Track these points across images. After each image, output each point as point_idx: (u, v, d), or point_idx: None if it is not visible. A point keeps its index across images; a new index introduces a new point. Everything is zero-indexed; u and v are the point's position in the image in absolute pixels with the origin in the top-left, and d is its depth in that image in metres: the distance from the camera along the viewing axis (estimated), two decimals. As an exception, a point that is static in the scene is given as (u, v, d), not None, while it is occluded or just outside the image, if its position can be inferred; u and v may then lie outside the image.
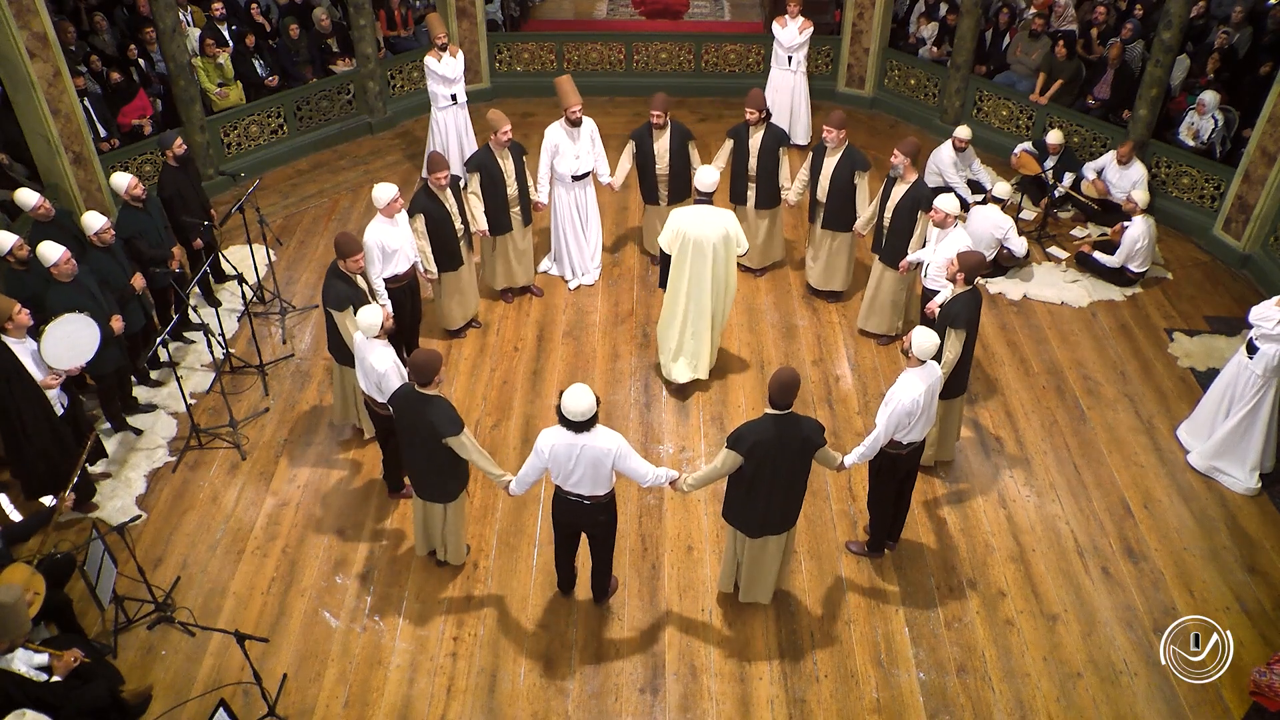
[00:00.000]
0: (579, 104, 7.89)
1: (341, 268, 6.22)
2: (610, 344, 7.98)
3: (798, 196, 8.17)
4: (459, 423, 5.36)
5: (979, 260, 6.07)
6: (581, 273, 8.60)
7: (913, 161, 7.24)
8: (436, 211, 7.25)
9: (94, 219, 6.66)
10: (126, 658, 5.61)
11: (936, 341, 5.45)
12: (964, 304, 6.01)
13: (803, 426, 5.19)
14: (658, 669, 5.59)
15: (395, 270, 6.93)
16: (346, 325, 6.17)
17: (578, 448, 5.08)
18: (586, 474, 5.18)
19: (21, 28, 7.90)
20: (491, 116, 7.58)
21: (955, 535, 6.41)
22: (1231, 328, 8.18)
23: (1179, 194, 9.54)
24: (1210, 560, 6.26)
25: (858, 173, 7.68)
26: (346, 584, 6.06)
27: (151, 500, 6.60)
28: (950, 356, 5.98)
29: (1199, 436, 6.94)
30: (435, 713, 5.37)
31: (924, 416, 5.56)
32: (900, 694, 5.49)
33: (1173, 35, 9.06)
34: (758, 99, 7.97)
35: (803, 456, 5.24)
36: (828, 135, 7.65)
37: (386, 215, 6.82)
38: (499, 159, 7.62)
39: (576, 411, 5.00)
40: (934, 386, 5.57)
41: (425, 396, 5.34)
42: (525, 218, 8.03)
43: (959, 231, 6.86)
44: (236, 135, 10.14)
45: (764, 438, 5.11)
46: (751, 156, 8.04)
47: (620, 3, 14.91)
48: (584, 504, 5.34)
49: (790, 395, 5.09)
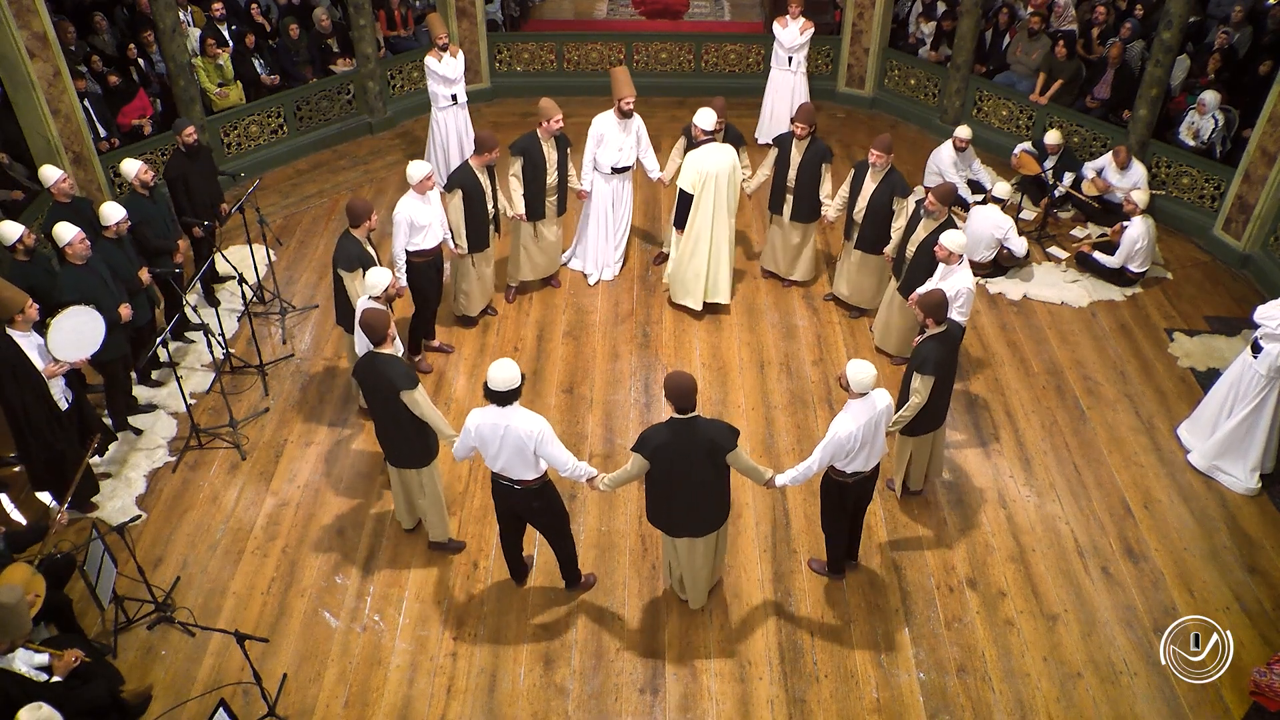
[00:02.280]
0: (633, 95, 7.91)
1: (354, 233, 6.44)
2: (610, 344, 7.98)
3: (836, 213, 7.98)
4: (413, 379, 5.48)
5: (939, 299, 5.76)
6: (602, 266, 8.63)
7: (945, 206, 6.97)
8: (474, 189, 7.37)
9: (113, 210, 6.72)
10: (126, 658, 5.61)
11: (871, 374, 5.21)
12: (933, 348, 5.77)
13: (707, 430, 5.09)
14: (658, 669, 5.59)
15: (423, 245, 7.11)
16: (355, 287, 6.35)
17: (501, 428, 5.12)
18: (512, 458, 5.23)
19: (21, 28, 7.90)
20: (544, 105, 7.60)
21: (955, 535, 6.41)
22: (1231, 328, 8.18)
23: (1179, 194, 9.54)
24: (1210, 560, 6.26)
25: (896, 198, 7.51)
26: (346, 584, 6.06)
27: (151, 500, 6.60)
28: (916, 400, 5.80)
29: (1200, 436, 6.94)
30: (435, 713, 5.37)
31: (866, 449, 5.36)
32: (900, 694, 5.49)
33: (1173, 35, 9.06)
34: (808, 114, 7.82)
35: (711, 460, 5.16)
36: (874, 159, 7.47)
37: (419, 192, 6.99)
38: (544, 146, 7.68)
39: (499, 380, 5.04)
40: (877, 419, 5.32)
41: (381, 355, 5.48)
42: (560, 208, 8.09)
43: (964, 270, 6.57)
44: (236, 135, 10.14)
45: (664, 441, 5.07)
46: (792, 168, 7.94)
47: (620, 3, 14.92)
48: (515, 489, 5.38)
49: (685, 399, 5.00)
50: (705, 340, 8.02)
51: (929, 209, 6.97)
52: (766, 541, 6.32)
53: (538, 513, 5.59)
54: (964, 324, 6.60)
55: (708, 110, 7.62)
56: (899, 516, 6.53)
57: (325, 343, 7.99)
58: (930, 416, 6.04)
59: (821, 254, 8.88)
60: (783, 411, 7.31)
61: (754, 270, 8.80)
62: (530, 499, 5.45)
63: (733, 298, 8.27)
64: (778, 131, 10.58)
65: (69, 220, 6.47)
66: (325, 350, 7.90)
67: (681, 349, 7.93)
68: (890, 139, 7.53)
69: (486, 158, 7.33)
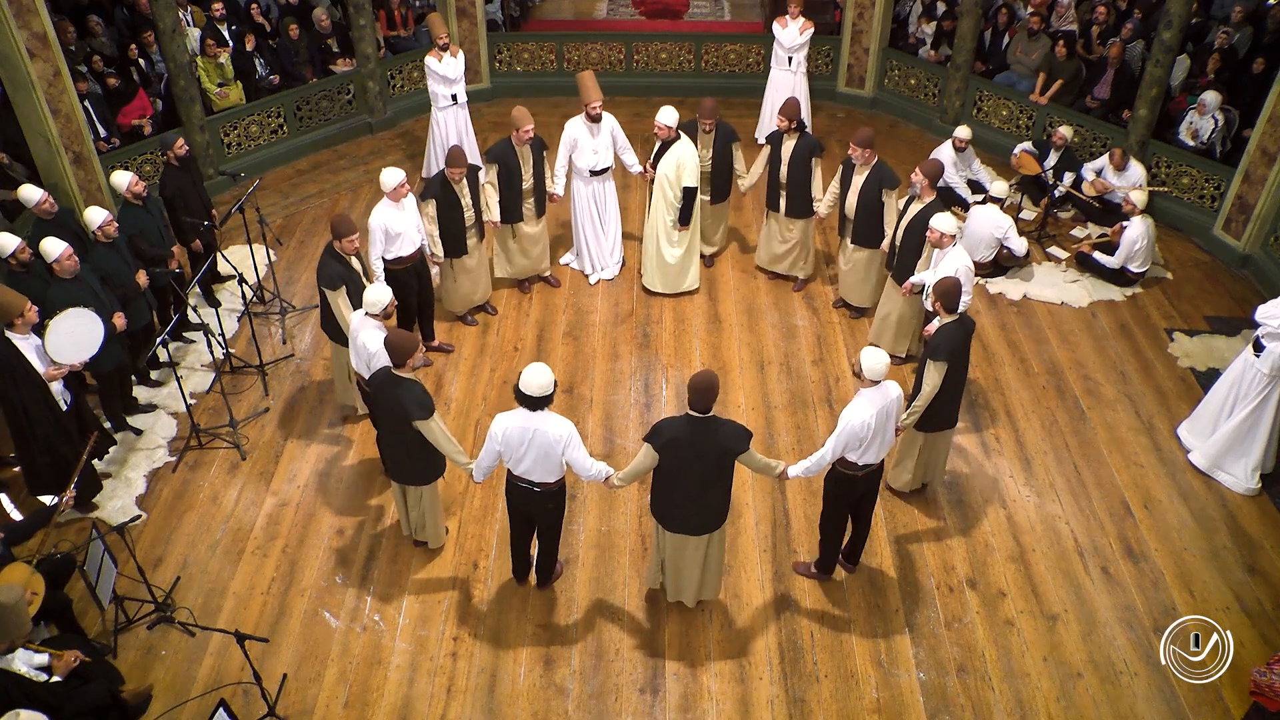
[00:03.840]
0: (599, 100, 7.99)
1: (336, 248, 6.40)
2: (610, 344, 7.98)
3: (828, 209, 8.02)
4: (429, 407, 5.43)
5: (951, 286, 5.77)
6: (601, 267, 8.69)
7: (932, 183, 7.07)
8: (447, 199, 7.45)
9: (96, 213, 6.72)
10: (126, 658, 5.60)
11: (885, 362, 5.22)
12: (947, 335, 5.78)
13: (721, 433, 5.10)
14: (658, 669, 5.59)
15: (400, 252, 7.14)
16: (338, 304, 6.37)
17: (530, 432, 5.14)
18: (538, 461, 5.24)
19: (21, 28, 7.90)
20: (516, 114, 7.69)
21: (955, 535, 6.41)
22: (1231, 328, 8.18)
23: (1179, 194, 9.54)
24: (1210, 560, 6.26)
25: (885, 190, 7.52)
26: (346, 584, 6.06)
27: (151, 500, 6.60)
28: (928, 389, 5.79)
29: (1200, 435, 6.94)
30: (435, 713, 5.37)
31: (878, 439, 5.36)
32: (900, 694, 5.49)
33: (1173, 35, 9.06)
34: (791, 108, 7.87)
35: (720, 463, 5.17)
36: (854, 154, 7.50)
37: (393, 199, 7.02)
38: (518, 154, 7.76)
39: (534, 385, 5.04)
40: (889, 408, 5.34)
41: (398, 379, 5.41)
42: (539, 210, 8.16)
43: (958, 251, 6.66)
44: (236, 135, 10.14)
45: (678, 436, 5.09)
46: (783, 164, 7.98)
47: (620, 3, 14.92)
48: (534, 491, 5.40)
49: (706, 398, 5.01)
50: (705, 340, 8.02)
51: (915, 186, 7.03)
52: (766, 541, 6.32)
53: (549, 514, 5.60)
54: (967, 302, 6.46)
55: (668, 108, 7.77)
56: (899, 516, 6.53)
57: (325, 343, 7.95)
58: (941, 412, 6.03)
59: (821, 254, 8.87)
60: (783, 411, 7.31)
61: (756, 270, 8.79)
62: (547, 501, 5.47)
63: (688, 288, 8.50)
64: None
65: (53, 234, 6.44)
66: (325, 350, 7.89)
67: (681, 349, 7.93)
68: (870, 132, 7.50)
69: (456, 171, 7.38)
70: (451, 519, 6.38)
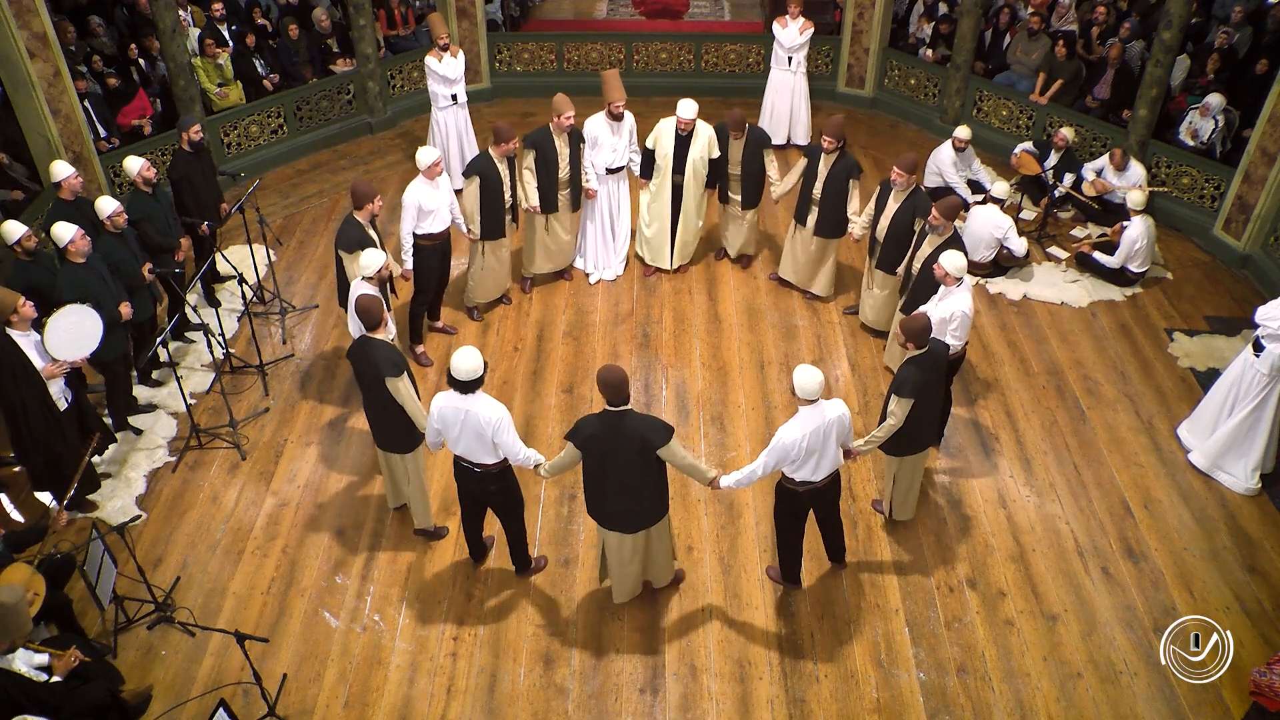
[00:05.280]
0: (623, 99, 8.01)
1: (356, 216, 6.61)
2: (610, 344, 7.98)
3: (862, 231, 7.77)
4: (400, 365, 5.57)
5: (921, 325, 5.63)
6: (603, 267, 8.68)
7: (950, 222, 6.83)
8: (492, 177, 7.49)
9: (107, 203, 6.73)
10: (126, 658, 5.60)
11: (818, 380, 5.12)
12: (912, 371, 5.63)
13: (638, 425, 5.10)
14: (658, 669, 5.59)
15: (430, 229, 7.28)
16: (354, 269, 6.45)
17: (462, 413, 5.24)
18: (472, 442, 5.35)
19: (21, 28, 7.91)
20: (557, 101, 7.69)
21: (955, 535, 6.41)
22: (1231, 328, 8.18)
23: (1179, 194, 9.54)
24: (1210, 560, 6.26)
25: (919, 219, 7.25)
26: (346, 584, 6.06)
27: (151, 500, 6.60)
28: (892, 422, 5.66)
29: (1200, 435, 6.94)
30: (435, 713, 5.37)
31: (814, 458, 5.28)
32: (900, 694, 5.49)
33: (1172, 35, 9.05)
34: (836, 128, 7.63)
35: (642, 456, 5.15)
36: (896, 178, 7.24)
37: (428, 177, 7.20)
38: (556, 141, 7.77)
39: (463, 369, 5.14)
40: (827, 429, 5.22)
41: (372, 340, 5.60)
42: (574, 203, 8.19)
43: (962, 293, 6.33)
44: (236, 135, 10.14)
45: (597, 432, 5.12)
46: (819, 181, 7.82)
47: (620, 3, 14.94)
48: (475, 471, 5.49)
49: (619, 392, 5.01)
50: (705, 340, 8.02)
51: (933, 224, 6.82)
52: (766, 542, 6.31)
53: (494, 495, 5.71)
54: (960, 346, 6.39)
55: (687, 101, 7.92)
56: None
57: (325, 343, 7.99)
58: (912, 438, 5.92)
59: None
60: (783, 412, 7.31)
61: (756, 270, 8.80)
62: (488, 483, 5.57)
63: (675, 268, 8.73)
64: (777, 131, 10.64)
65: (70, 219, 6.47)
66: (325, 350, 7.90)
67: (681, 349, 7.93)
68: (915, 159, 7.33)
69: (505, 148, 7.46)
70: (452, 519, 6.38)
